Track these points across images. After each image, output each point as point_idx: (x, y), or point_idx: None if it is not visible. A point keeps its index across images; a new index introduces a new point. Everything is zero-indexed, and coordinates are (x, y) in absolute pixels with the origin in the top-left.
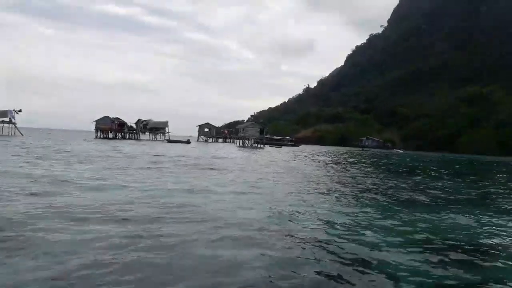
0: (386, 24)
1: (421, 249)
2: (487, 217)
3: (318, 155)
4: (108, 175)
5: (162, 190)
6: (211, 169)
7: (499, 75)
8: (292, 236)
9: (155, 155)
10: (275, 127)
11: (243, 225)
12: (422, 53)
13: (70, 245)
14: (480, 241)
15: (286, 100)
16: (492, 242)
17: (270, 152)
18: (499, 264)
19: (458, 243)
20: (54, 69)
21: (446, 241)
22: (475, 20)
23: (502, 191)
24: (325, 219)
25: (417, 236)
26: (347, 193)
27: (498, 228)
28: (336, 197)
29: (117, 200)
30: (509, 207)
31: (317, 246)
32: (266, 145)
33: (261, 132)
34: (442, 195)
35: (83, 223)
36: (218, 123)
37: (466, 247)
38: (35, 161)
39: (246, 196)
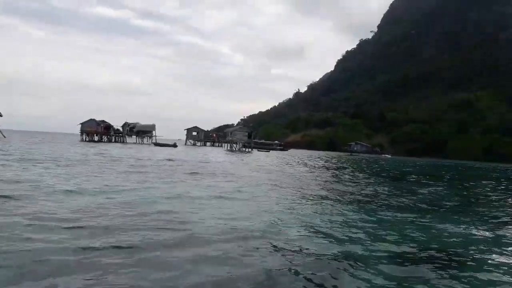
0: (376, 29)
1: (400, 260)
2: (467, 225)
3: (307, 160)
4: (83, 179)
5: (139, 195)
6: (194, 173)
7: (487, 80)
8: (272, 246)
9: (138, 159)
10: (265, 131)
11: (220, 235)
12: (411, 58)
13: (18, 259)
14: (456, 249)
15: (277, 104)
16: (466, 251)
17: (257, 156)
18: (472, 274)
19: (439, 252)
20: (45, 72)
21: (426, 251)
22: (463, 26)
23: (484, 199)
24: (307, 227)
25: (396, 245)
26: (331, 199)
27: (475, 237)
28: (320, 203)
29: (86, 206)
30: (491, 215)
31: (296, 258)
32: (254, 149)
33: (249, 136)
34: (427, 203)
35: (43, 231)
36: (209, 127)
37: (447, 256)
38: (11, 164)
39: (228, 203)
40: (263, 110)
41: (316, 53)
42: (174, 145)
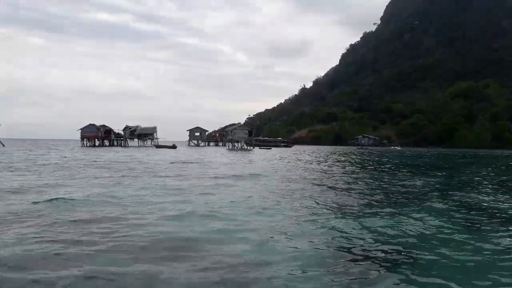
0: (379, 22)
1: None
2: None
3: (308, 155)
4: (52, 185)
5: (101, 203)
6: (178, 176)
7: (491, 69)
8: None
9: (124, 161)
10: (270, 128)
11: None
12: (414, 50)
13: None
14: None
15: (283, 101)
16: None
17: (256, 154)
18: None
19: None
20: (46, 80)
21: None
22: (465, 15)
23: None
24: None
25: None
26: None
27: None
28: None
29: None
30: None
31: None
32: (256, 147)
33: (250, 134)
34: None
35: None
36: (215, 127)
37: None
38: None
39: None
40: (269, 107)
41: (321, 47)
42: (173, 147)
